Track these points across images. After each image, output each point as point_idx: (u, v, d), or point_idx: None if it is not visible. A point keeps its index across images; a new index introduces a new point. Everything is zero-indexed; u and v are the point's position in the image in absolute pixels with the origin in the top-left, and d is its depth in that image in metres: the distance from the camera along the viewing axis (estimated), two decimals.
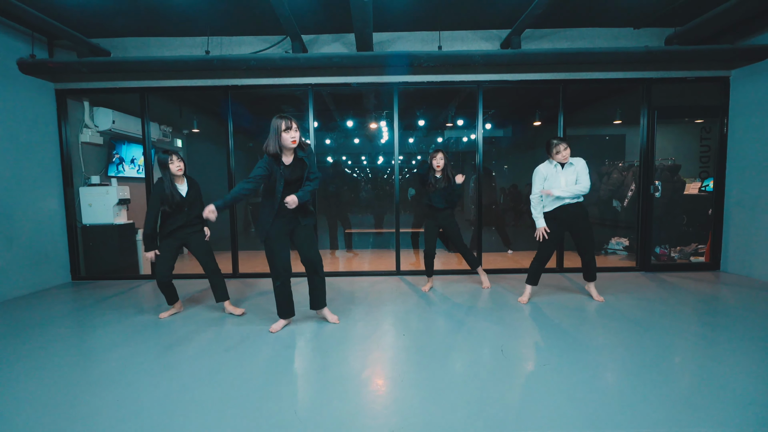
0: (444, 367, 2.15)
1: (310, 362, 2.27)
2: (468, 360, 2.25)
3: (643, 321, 2.83)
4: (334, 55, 3.85)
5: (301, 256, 2.75)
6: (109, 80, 4.33)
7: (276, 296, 2.77)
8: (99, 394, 1.92)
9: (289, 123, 2.53)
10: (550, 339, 2.52)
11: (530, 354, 2.31)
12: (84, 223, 4.54)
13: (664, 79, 4.32)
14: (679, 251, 5.29)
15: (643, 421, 1.61)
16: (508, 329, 2.71)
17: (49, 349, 2.50)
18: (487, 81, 4.32)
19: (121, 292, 3.97)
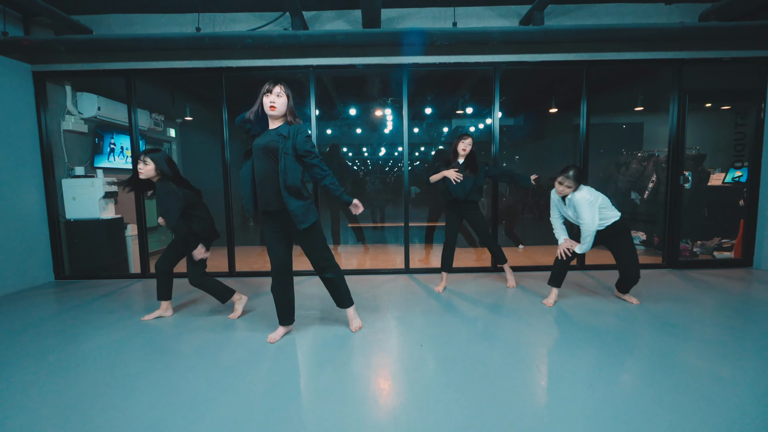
0: (473, 385, 1.84)
1: (314, 380, 1.95)
2: (499, 376, 1.94)
3: (683, 326, 2.53)
4: (338, 32, 3.49)
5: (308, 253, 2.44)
6: (91, 62, 3.95)
7: (273, 298, 2.45)
8: (82, 410, 1.60)
9: (271, 86, 2.22)
10: (590, 350, 2.21)
11: (568, 369, 2.00)
12: (68, 218, 4.20)
13: (697, 60, 3.97)
14: (701, 246, 5.00)
15: None
16: (539, 335, 2.40)
17: (27, 360, 2.18)
18: (505, 62, 3.96)
19: (109, 293, 3.65)
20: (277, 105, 2.21)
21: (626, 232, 2.91)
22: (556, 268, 3.04)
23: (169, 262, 2.79)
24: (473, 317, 2.79)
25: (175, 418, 1.62)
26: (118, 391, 1.85)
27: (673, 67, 4.01)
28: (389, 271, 4.24)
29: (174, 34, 3.47)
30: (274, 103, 2.20)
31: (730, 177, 4.96)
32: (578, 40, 3.55)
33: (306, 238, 2.36)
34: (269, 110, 2.21)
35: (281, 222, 2.32)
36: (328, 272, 2.47)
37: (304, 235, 2.34)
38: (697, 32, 3.50)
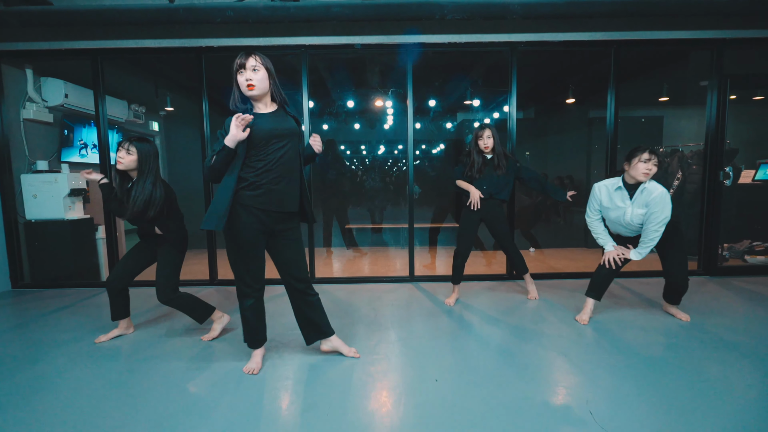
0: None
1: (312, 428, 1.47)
2: (539, 421, 1.46)
3: (747, 347, 2.07)
4: (334, 3, 3.01)
5: (286, 272, 1.95)
6: (53, 39, 3.47)
7: (246, 320, 1.93)
8: None
9: (243, 59, 1.75)
10: (643, 385, 1.74)
11: (625, 413, 1.53)
12: (28, 218, 3.70)
13: (742, 40, 3.51)
14: (728, 249, 4.55)
15: None
16: (579, 366, 1.93)
17: None
18: (524, 42, 3.48)
19: (73, 303, 3.17)
20: (255, 82, 1.74)
21: (678, 230, 2.45)
22: (598, 277, 2.55)
23: (124, 280, 2.31)
24: (495, 338, 2.31)
25: None
26: None
27: (712, 48, 3.55)
28: (391, 279, 3.76)
29: (143, 5, 2.99)
30: (251, 80, 1.73)
31: (762, 174, 4.53)
32: (609, 14, 3.10)
33: (299, 242, 1.93)
34: (246, 90, 1.75)
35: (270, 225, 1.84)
36: (310, 290, 2.01)
37: (297, 239, 1.91)
38: (748, 5, 3.04)
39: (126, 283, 2.32)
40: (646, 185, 2.30)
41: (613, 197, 2.40)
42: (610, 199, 2.41)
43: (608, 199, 2.42)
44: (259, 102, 1.83)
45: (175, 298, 2.26)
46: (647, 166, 2.27)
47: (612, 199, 2.41)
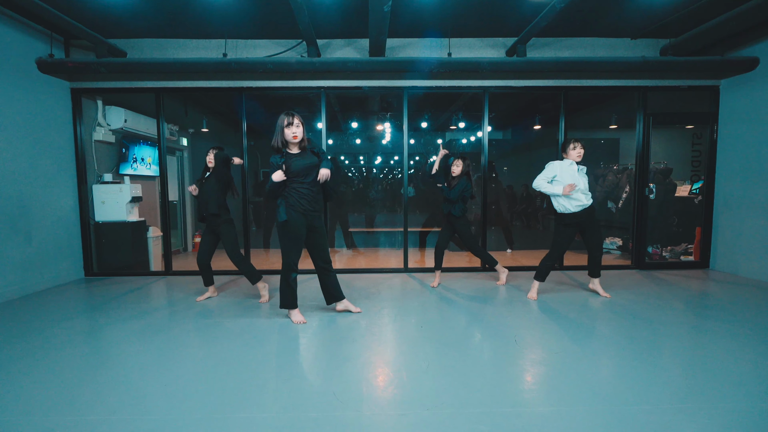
0: (464, 354, 2.33)
1: (336, 352, 2.42)
2: (485, 348, 2.43)
3: (643, 314, 3.05)
4: (348, 60, 4.01)
5: (317, 256, 2.96)
6: (124, 80, 4.41)
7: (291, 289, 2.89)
8: (109, 391, 2.04)
9: (291, 119, 2.68)
10: (562, 331, 2.72)
11: (541, 343, 2.50)
12: (97, 220, 4.61)
13: (659, 87, 4.57)
14: (670, 251, 5.57)
15: (648, 396, 1.81)
16: (522, 321, 2.90)
17: (66, 347, 2.60)
18: (494, 87, 4.52)
19: (134, 289, 4.07)
20: (298, 134, 2.72)
21: (596, 218, 3.45)
22: (544, 265, 3.53)
23: (206, 256, 3.39)
24: (464, 306, 3.28)
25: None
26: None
27: (638, 93, 4.61)
28: (389, 270, 4.73)
29: (204, 59, 3.95)
30: (296, 133, 2.71)
31: (695, 188, 5.58)
32: (556, 70, 4.13)
33: (322, 231, 2.93)
34: (292, 139, 2.71)
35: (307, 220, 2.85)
36: (330, 267, 3.02)
37: (321, 228, 2.91)
38: (656, 64, 4.10)
39: (207, 259, 3.41)
40: (580, 166, 3.38)
41: (567, 170, 3.33)
42: (564, 171, 3.33)
43: (562, 171, 3.33)
44: (294, 146, 2.79)
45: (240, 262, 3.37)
46: (577, 151, 3.34)
47: (565, 172, 3.33)
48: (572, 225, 3.37)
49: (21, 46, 3.79)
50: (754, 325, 2.78)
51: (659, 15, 3.91)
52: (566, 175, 3.33)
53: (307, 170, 2.76)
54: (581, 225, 3.38)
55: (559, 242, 3.44)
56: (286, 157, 2.77)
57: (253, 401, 1.81)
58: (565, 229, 3.40)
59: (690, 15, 3.85)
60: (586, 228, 3.40)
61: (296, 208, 2.77)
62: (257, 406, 1.77)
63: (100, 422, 1.65)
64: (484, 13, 3.85)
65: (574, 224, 3.37)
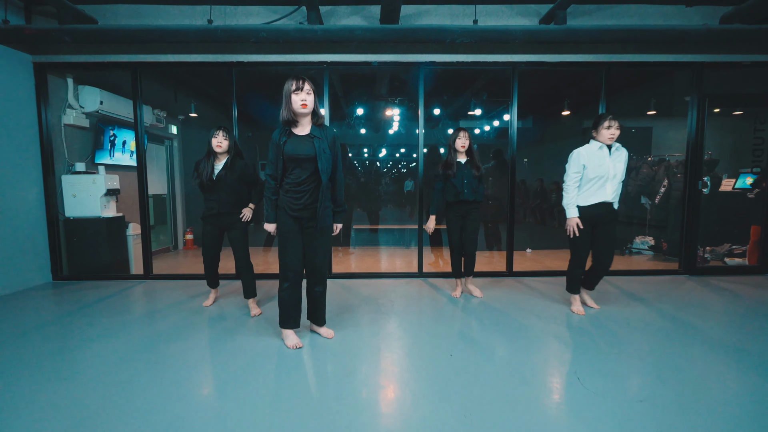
0: (511, 406, 1.73)
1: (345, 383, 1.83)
2: (538, 388, 1.83)
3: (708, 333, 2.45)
4: (356, 27, 3.38)
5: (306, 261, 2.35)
6: (96, 53, 3.80)
7: (280, 302, 2.32)
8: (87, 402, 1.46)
9: (300, 83, 2.14)
10: (636, 362, 2.12)
11: (615, 387, 1.89)
12: (67, 215, 4.02)
13: (717, 64, 3.92)
14: (711, 252, 4.95)
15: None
16: (575, 347, 2.30)
17: (26, 366, 2.02)
18: (524, 62, 3.87)
19: (109, 295, 3.48)
20: (308, 103, 2.14)
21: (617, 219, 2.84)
22: (571, 275, 2.91)
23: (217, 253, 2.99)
24: (500, 326, 2.68)
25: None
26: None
27: (692, 70, 3.96)
28: (402, 274, 4.12)
29: (185, 26, 3.33)
30: (305, 101, 2.13)
31: (741, 182, 4.94)
32: (600, 41, 3.48)
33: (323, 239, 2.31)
34: (300, 108, 2.13)
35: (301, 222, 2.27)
36: (319, 285, 2.40)
37: (321, 234, 2.29)
38: (720, 34, 3.44)
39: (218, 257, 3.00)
40: (616, 145, 2.72)
41: (594, 156, 2.71)
42: (591, 158, 2.71)
43: (589, 158, 2.71)
44: (302, 120, 2.20)
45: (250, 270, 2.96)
46: (610, 131, 2.67)
47: (593, 158, 2.71)
48: (584, 219, 2.76)
49: None
50: None
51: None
52: (593, 162, 2.71)
53: (298, 160, 2.17)
54: (593, 221, 2.76)
55: (576, 243, 2.81)
56: (288, 136, 2.20)
57: None
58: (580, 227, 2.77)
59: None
60: (598, 227, 2.79)
61: (286, 210, 2.22)
62: None
63: None
64: None
65: (586, 218, 2.75)
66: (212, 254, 2.94)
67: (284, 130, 2.21)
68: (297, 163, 2.18)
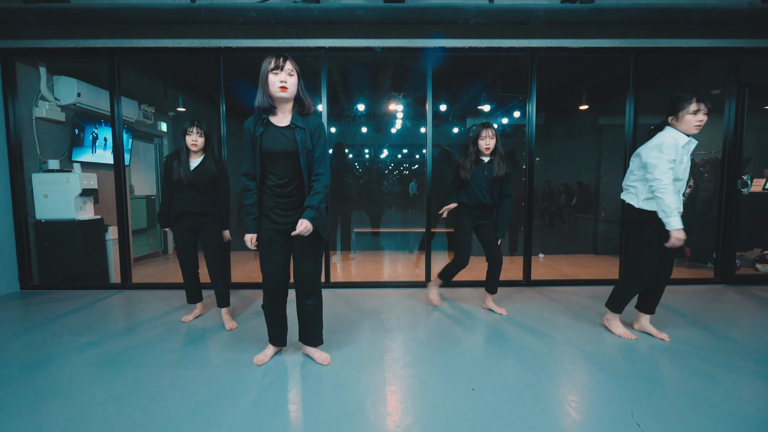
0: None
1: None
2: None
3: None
4: (357, 5, 3.00)
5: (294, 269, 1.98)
6: (68, 37, 3.42)
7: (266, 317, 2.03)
8: None
9: (281, 61, 1.74)
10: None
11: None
12: (38, 218, 3.64)
13: (758, 50, 3.52)
14: (740, 257, 4.54)
15: None
16: (628, 386, 1.90)
17: None
18: (544, 48, 3.48)
19: (83, 306, 3.09)
20: (288, 85, 1.75)
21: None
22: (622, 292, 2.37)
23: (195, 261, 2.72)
24: (536, 349, 2.28)
25: None
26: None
27: (730, 57, 3.56)
28: (408, 284, 3.71)
29: (165, 4, 2.96)
30: (285, 83, 1.74)
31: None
32: (630, 21, 3.11)
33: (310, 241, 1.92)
34: (279, 92, 1.74)
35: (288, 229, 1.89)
36: (310, 297, 1.99)
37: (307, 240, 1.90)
38: (766, 14, 3.06)
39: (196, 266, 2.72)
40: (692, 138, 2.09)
41: (681, 152, 2.08)
42: (678, 152, 2.07)
43: (677, 153, 2.07)
44: (281, 107, 1.81)
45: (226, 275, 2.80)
46: (698, 117, 2.04)
47: (681, 154, 2.08)
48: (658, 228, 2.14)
49: None
50: None
51: None
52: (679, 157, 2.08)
53: (276, 155, 1.80)
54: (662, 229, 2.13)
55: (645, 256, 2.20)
56: (266, 126, 1.82)
57: None
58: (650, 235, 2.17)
59: None
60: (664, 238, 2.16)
61: (270, 216, 1.87)
62: None
63: None
64: None
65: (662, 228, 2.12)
66: (187, 259, 2.63)
67: (260, 118, 1.82)
68: (276, 160, 1.79)
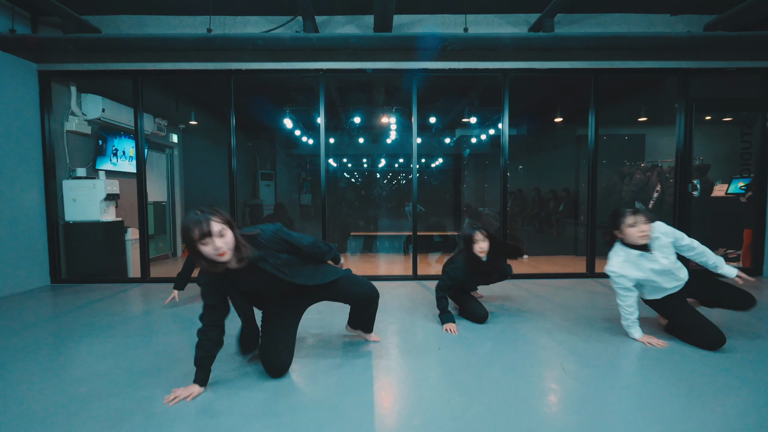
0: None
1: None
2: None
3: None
4: (350, 35, 3.49)
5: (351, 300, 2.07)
6: (98, 61, 3.92)
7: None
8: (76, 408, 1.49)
9: (206, 227, 1.51)
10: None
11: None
12: (67, 219, 4.09)
13: (703, 70, 4.02)
14: None
15: None
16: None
17: (20, 359, 2.05)
18: (515, 69, 3.98)
19: (110, 295, 3.52)
20: (226, 248, 1.55)
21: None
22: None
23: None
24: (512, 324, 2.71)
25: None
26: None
27: (679, 76, 4.06)
28: (398, 277, 4.15)
29: (185, 34, 3.45)
30: (222, 250, 1.54)
31: (734, 187, 4.99)
32: (587, 48, 3.60)
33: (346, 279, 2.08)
34: (218, 257, 1.55)
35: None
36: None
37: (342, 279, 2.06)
38: (704, 41, 3.55)
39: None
40: (654, 234, 2.18)
41: (640, 264, 2.18)
42: (638, 267, 2.18)
43: (636, 269, 2.18)
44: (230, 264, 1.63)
45: None
46: (639, 228, 2.14)
47: (641, 267, 2.18)
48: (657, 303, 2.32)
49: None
50: None
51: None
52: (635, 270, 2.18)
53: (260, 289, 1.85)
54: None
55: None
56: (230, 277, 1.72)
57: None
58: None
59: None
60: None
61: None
62: None
63: None
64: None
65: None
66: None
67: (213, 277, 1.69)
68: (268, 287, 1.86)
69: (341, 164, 9.02)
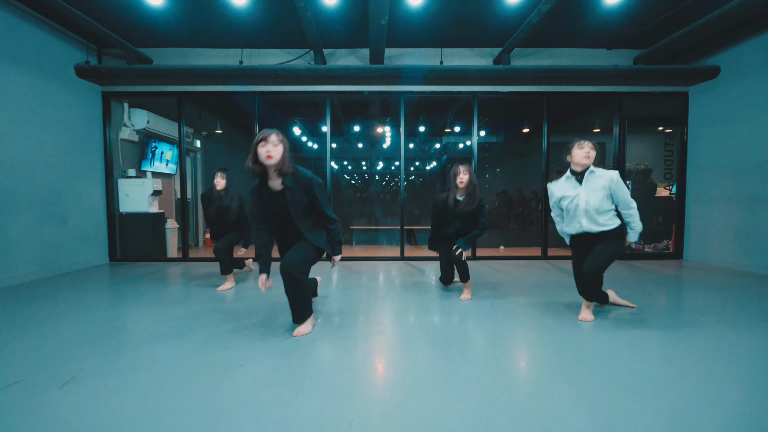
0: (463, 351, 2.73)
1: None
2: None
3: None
4: (351, 67, 4.49)
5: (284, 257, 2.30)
6: (148, 84, 4.90)
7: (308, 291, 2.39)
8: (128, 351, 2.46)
9: (267, 134, 2.10)
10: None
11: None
12: (121, 211, 5.06)
13: (633, 93, 5.02)
14: (653, 247, 5.96)
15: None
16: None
17: (83, 310, 3.03)
18: (482, 92, 4.98)
19: (157, 270, 4.49)
20: (274, 154, 2.06)
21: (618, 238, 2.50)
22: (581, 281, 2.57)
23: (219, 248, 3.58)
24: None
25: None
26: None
27: (615, 98, 5.06)
28: (389, 258, 5.14)
29: (222, 66, 4.44)
30: (270, 153, 2.05)
31: (674, 189, 5.98)
32: (539, 77, 4.59)
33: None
34: (266, 159, 2.06)
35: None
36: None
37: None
38: (628, 72, 4.56)
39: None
40: (593, 169, 2.42)
41: (564, 188, 2.51)
42: (562, 190, 2.51)
43: (561, 190, 2.52)
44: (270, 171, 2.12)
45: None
46: (584, 151, 2.41)
47: (564, 190, 2.50)
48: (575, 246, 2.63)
49: (61, 54, 4.29)
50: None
51: (631, 27, 4.37)
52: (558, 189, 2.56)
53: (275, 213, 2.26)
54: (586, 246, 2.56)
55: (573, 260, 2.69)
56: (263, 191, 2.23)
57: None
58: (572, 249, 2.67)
59: (658, 27, 4.32)
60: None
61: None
62: None
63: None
64: (470, 25, 4.34)
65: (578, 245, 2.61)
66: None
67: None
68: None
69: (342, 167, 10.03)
